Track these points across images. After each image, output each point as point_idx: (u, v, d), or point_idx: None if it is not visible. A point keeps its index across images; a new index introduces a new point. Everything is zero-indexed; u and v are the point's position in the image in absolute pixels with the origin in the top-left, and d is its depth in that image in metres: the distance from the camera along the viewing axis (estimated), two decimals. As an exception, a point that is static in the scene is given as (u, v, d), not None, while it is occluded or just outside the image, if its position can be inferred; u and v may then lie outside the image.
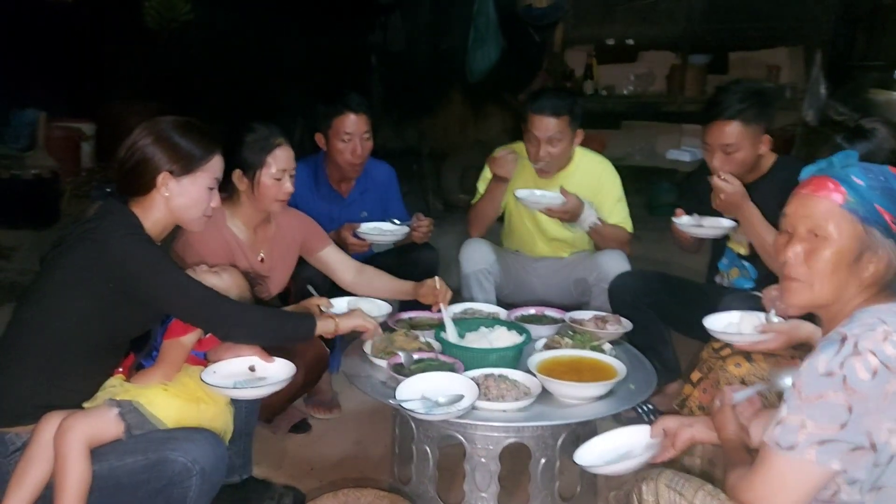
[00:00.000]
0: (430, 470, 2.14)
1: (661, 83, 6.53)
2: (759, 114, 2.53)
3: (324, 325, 2.09)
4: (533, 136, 2.92)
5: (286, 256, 2.60)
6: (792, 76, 6.09)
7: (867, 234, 1.32)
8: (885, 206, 1.32)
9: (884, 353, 1.22)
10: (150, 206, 1.90)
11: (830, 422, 1.22)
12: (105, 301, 1.79)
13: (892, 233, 1.33)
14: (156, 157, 1.87)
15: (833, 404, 1.21)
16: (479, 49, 5.93)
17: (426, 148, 6.45)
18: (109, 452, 1.73)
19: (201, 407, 1.86)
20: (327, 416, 2.91)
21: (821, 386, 1.23)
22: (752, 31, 6.11)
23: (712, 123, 2.55)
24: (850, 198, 1.33)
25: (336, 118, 2.91)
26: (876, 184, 1.34)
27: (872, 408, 1.21)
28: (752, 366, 2.05)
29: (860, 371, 1.21)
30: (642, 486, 1.53)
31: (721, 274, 2.80)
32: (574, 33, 6.43)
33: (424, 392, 1.98)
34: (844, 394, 1.21)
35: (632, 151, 6.45)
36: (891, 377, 1.21)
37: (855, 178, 1.34)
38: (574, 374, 2.09)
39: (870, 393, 1.20)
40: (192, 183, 1.92)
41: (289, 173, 2.40)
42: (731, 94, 2.54)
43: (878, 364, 1.21)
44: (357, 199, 3.10)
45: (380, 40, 6.51)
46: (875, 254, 1.33)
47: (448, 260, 3.55)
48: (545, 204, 2.88)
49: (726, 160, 2.55)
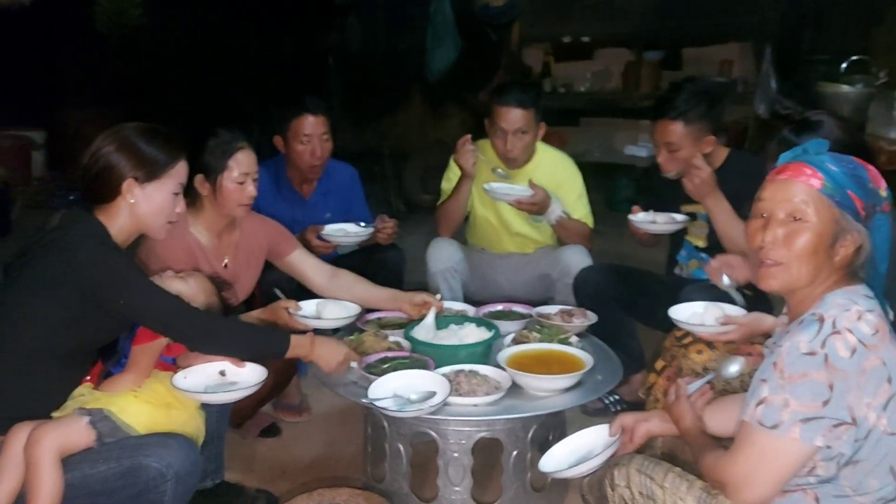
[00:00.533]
0: (404, 467, 2.16)
1: (617, 80, 6.63)
2: (704, 115, 2.60)
3: (297, 349, 2.05)
4: (500, 129, 2.96)
5: (251, 262, 2.58)
6: (743, 70, 6.24)
7: (842, 218, 1.37)
8: (856, 193, 1.38)
9: (860, 331, 1.28)
10: (116, 213, 1.89)
11: (813, 399, 1.26)
12: (72, 310, 1.78)
13: (861, 218, 1.38)
14: (120, 163, 1.87)
15: (815, 382, 1.26)
16: (437, 49, 5.95)
17: (387, 149, 6.44)
18: (81, 461, 1.71)
19: (172, 412, 1.85)
20: (297, 420, 2.91)
21: (803, 365, 1.27)
22: (705, 28, 6.26)
23: (658, 122, 2.64)
24: (827, 183, 1.37)
25: (294, 120, 2.90)
26: (848, 171, 1.39)
27: (853, 384, 1.26)
28: (714, 353, 2.12)
29: (840, 349, 1.26)
30: (614, 471, 1.58)
31: (680, 266, 2.88)
32: (531, 31, 6.51)
33: (396, 390, 2.00)
34: (826, 371, 1.26)
35: (591, 148, 6.53)
36: (868, 354, 1.27)
37: (830, 165, 1.39)
38: (543, 366, 2.13)
39: (850, 370, 1.26)
40: (157, 189, 1.91)
41: (251, 177, 2.39)
42: (679, 94, 2.62)
43: (856, 342, 1.27)
44: (319, 200, 3.10)
45: (337, 41, 6.48)
46: (846, 238, 1.38)
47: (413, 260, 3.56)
48: (514, 196, 2.91)
49: (669, 158, 2.64)
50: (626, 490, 1.55)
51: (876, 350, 1.28)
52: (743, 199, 2.63)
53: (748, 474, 1.32)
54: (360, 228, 2.94)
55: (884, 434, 1.30)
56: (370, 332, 2.39)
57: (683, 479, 1.50)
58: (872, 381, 1.28)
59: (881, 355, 1.28)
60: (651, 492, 1.51)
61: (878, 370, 1.28)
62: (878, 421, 1.29)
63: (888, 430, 1.30)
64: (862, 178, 1.39)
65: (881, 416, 1.29)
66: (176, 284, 2.01)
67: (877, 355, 1.28)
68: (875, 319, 1.31)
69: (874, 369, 1.28)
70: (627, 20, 6.40)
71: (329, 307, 2.41)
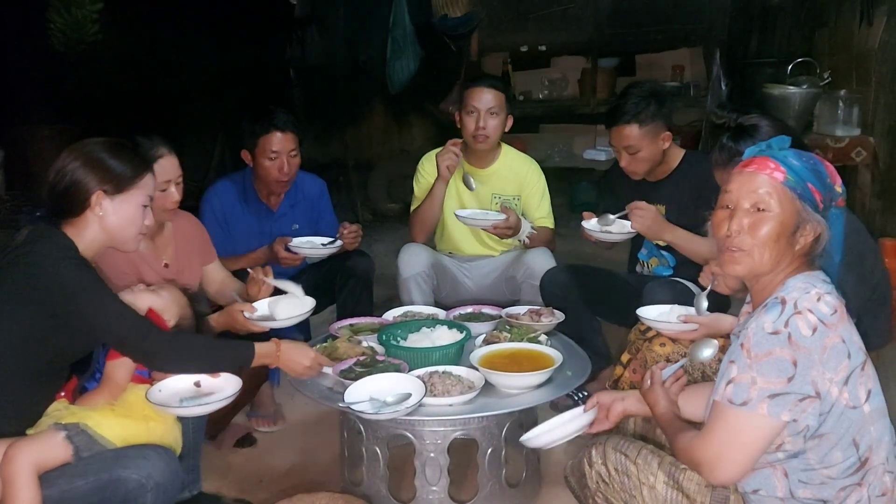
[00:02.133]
0: (381, 470, 2.20)
1: (574, 87, 6.76)
2: (656, 113, 2.70)
3: (263, 357, 2.06)
4: (473, 108, 3.06)
5: (191, 257, 2.62)
6: (695, 75, 6.43)
7: (803, 209, 1.46)
8: (815, 186, 1.47)
9: (820, 311, 1.37)
10: (84, 226, 1.89)
11: (778, 376, 1.34)
12: (41, 326, 1.77)
13: (820, 210, 1.47)
14: (87, 178, 1.87)
15: (780, 359, 1.34)
16: (397, 60, 5.99)
17: (351, 159, 6.48)
18: (59, 477, 1.71)
19: (150, 425, 1.86)
20: (272, 429, 2.92)
21: (768, 343, 1.35)
22: (656, 34, 6.45)
23: (613, 128, 2.74)
24: (790, 176, 1.46)
25: (262, 137, 2.90)
26: (808, 165, 1.48)
27: (815, 360, 1.34)
28: (676, 345, 2.21)
29: (803, 328, 1.35)
30: (592, 450, 1.68)
31: (641, 263, 2.97)
32: (489, 41, 6.61)
33: (372, 393, 2.04)
34: (790, 349, 1.34)
35: (551, 153, 6.66)
36: (828, 332, 1.36)
37: (792, 160, 1.48)
38: (514, 365, 2.19)
39: (812, 347, 1.34)
40: (125, 201, 1.91)
41: (174, 182, 2.41)
42: (627, 100, 2.72)
43: (816, 321, 1.35)
44: (287, 211, 3.12)
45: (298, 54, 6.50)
46: (806, 227, 1.46)
47: (381, 267, 3.61)
48: (491, 221, 2.99)
49: (632, 160, 2.74)
50: (602, 467, 1.64)
51: (835, 328, 1.36)
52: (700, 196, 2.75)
53: (721, 452, 1.39)
54: (328, 243, 2.94)
55: (846, 408, 1.38)
56: (343, 337, 2.43)
57: (655, 454, 1.61)
58: (833, 358, 1.36)
59: (840, 333, 1.37)
60: (626, 468, 1.60)
61: (837, 347, 1.36)
62: (839, 395, 1.37)
63: (849, 404, 1.38)
64: (821, 173, 1.49)
65: (842, 390, 1.37)
66: (148, 297, 2.02)
67: (836, 333, 1.36)
68: (833, 300, 1.40)
69: (834, 346, 1.36)
70: (582, 29, 6.55)
71: (281, 305, 2.39)
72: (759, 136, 2.02)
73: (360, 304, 2.95)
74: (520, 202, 3.23)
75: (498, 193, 3.21)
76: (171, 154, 2.41)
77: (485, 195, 3.21)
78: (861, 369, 1.40)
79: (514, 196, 3.22)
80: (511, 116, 3.14)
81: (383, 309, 2.82)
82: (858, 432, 1.40)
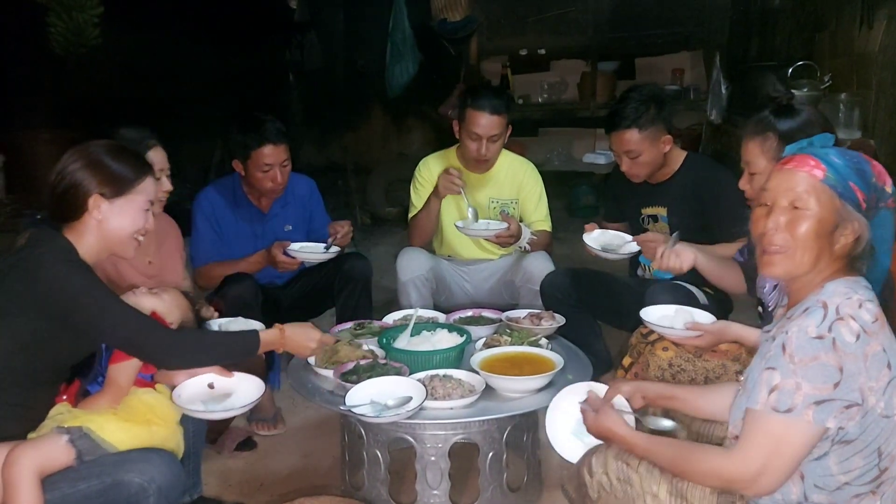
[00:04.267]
0: (382, 473, 2.19)
1: (573, 90, 6.77)
2: (655, 117, 2.70)
3: (268, 344, 2.04)
4: (474, 134, 3.02)
5: (172, 253, 2.64)
6: (695, 78, 6.44)
7: (843, 208, 1.43)
8: (858, 185, 1.44)
9: (862, 318, 1.34)
10: (84, 230, 1.88)
11: (825, 382, 1.30)
12: (41, 330, 1.76)
13: (862, 210, 1.44)
14: (86, 180, 1.86)
15: (826, 365, 1.31)
16: (396, 64, 6.01)
17: (350, 163, 6.49)
18: (61, 480, 1.70)
19: (153, 429, 1.85)
20: (272, 433, 2.91)
21: (813, 349, 1.31)
22: (656, 38, 6.45)
23: (613, 133, 2.73)
24: (829, 174, 1.43)
25: (255, 150, 2.86)
26: (851, 164, 1.45)
27: (861, 367, 1.31)
28: (679, 349, 2.20)
29: (846, 334, 1.32)
30: (592, 459, 1.64)
31: (642, 267, 2.97)
32: (488, 45, 6.62)
33: (373, 397, 2.03)
34: (835, 355, 1.31)
35: (550, 157, 6.67)
36: (870, 340, 1.33)
37: (833, 158, 1.45)
38: (515, 368, 2.18)
39: (857, 353, 1.31)
40: (125, 205, 1.90)
41: (165, 172, 2.43)
42: (627, 104, 2.71)
43: (859, 328, 1.33)
44: (278, 213, 3.10)
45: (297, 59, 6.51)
46: (847, 227, 1.43)
47: (379, 270, 3.61)
48: (493, 231, 2.97)
49: (633, 164, 2.74)
50: (603, 476, 1.60)
51: (876, 337, 1.34)
52: (701, 197, 2.75)
53: (764, 464, 1.34)
54: (325, 249, 2.93)
55: (879, 416, 1.35)
56: (344, 341, 2.42)
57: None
58: (874, 366, 1.33)
59: (881, 342, 1.34)
60: (627, 476, 1.55)
61: (878, 356, 1.33)
62: (876, 404, 1.34)
63: (883, 413, 1.35)
64: (865, 172, 1.45)
65: (880, 399, 1.34)
66: (150, 300, 2.01)
67: (877, 342, 1.34)
68: (874, 308, 1.37)
69: (875, 355, 1.33)
70: (581, 32, 6.56)
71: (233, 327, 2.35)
72: (798, 119, 2.00)
73: (359, 308, 2.95)
74: (517, 206, 3.23)
75: (496, 197, 3.21)
76: (158, 145, 2.43)
77: (483, 200, 3.20)
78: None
79: (512, 200, 3.22)
80: (510, 126, 3.12)
81: (382, 312, 2.81)
82: (886, 441, 1.37)
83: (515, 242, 3.04)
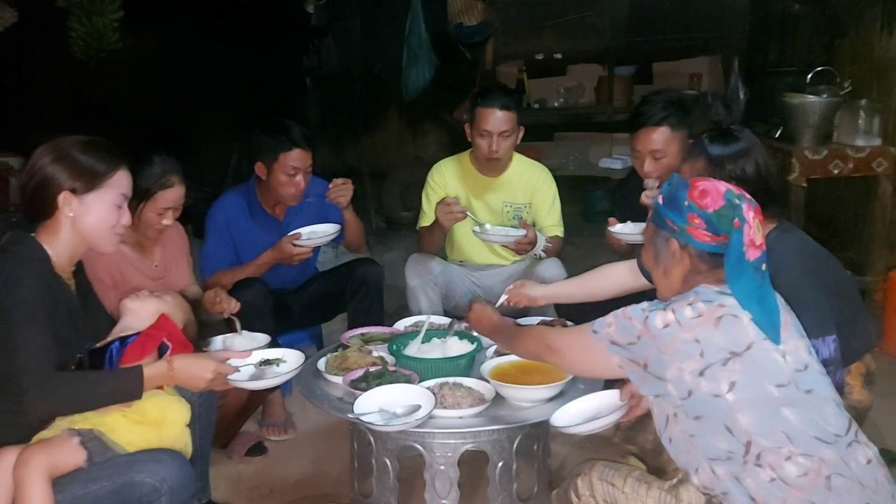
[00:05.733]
0: (391, 482, 2.18)
1: (590, 95, 6.72)
2: (682, 120, 2.68)
3: (155, 378, 1.83)
4: (484, 131, 3.01)
5: (178, 257, 2.65)
6: (712, 83, 6.37)
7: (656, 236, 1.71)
8: (668, 215, 1.66)
9: (682, 313, 1.52)
10: (57, 229, 1.84)
11: (623, 337, 1.59)
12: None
13: (675, 232, 1.66)
14: (55, 175, 1.80)
15: (630, 328, 1.58)
16: (412, 68, 6.00)
17: (366, 167, 6.49)
18: (72, 482, 1.71)
19: (163, 431, 1.85)
20: (283, 438, 2.92)
21: (634, 315, 1.58)
22: (674, 42, 6.39)
23: (640, 131, 2.69)
24: (654, 211, 1.73)
25: (283, 153, 2.85)
26: (667, 196, 1.66)
27: (655, 345, 1.53)
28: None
29: (658, 321, 1.54)
30: (577, 481, 1.69)
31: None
32: (504, 49, 6.58)
33: (382, 404, 2.03)
34: (641, 328, 1.56)
35: (566, 162, 6.63)
36: (681, 330, 1.51)
37: (658, 197, 1.70)
38: (525, 377, 2.16)
39: (660, 336, 1.53)
40: (96, 200, 1.85)
41: (174, 209, 2.46)
42: (654, 104, 2.69)
43: (672, 320, 1.53)
44: (293, 219, 3.07)
45: (314, 63, 6.53)
46: (665, 255, 1.69)
47: (393, 275, 3.60)
48: (513, 237, 2.94)
49: (655, 165, 2.69)
50: (590, 499, 1.65)
51: (691, 329, 1.51)
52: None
53: (569, 348, 1.75)
54: (330, 226, 2.94)
55: (708, 395, 1.49)
56: (354, 347, 2.42)
57: (642, 482, 1.62)
58: (683, 351, 1.50)
59: (695, 334, 1.50)
60: (614, 498, 1.62)
61: (689, 344, 1.50)
62: (696, 384, 1.50)
63: (711, 393, 1.49)
64: (676, 199, 1.62)
65: (698, 380, 1.49)
66: (155, 303, 2.03)
67: (691, 333, 1.51)
68: (704, 307, 1.52)
69: (685, 342, 1.51)
70: (599, 37, 6.50)
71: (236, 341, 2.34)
72: (735, 146, 1.99)
73: (370, 313, 2.95)
74: (531, 210, 3.21)
75: (509, 202, 3.19)
76: (180, 184, 2.44)
77: (496, 204, 3.19)
78: (722, 365, 1.48)
79: (526, 204, 3.20)
80: (522, 128, 3.10)
81: (395, 318, 2.80)
82: (729, 419, 1.48)
83: (532, 249, 3.02)
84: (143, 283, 2.37)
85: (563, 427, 1.90)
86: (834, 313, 1.88)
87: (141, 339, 1.92)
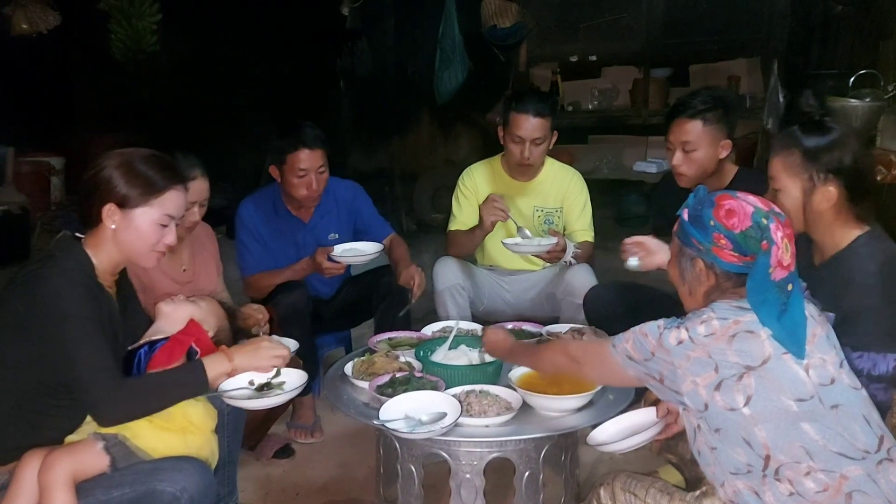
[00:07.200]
0: (416, 488, 2.16)
1: (624, 97, 6.65)
2: (721, 117, 2.61)
3: (215, 368, 1.86)
4: (517, 137, 2.99)
5: (207, 261, 2.64)
6: (751, 86, 6.25)
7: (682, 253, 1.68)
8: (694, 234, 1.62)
9: (695, 331, 1.51)
10: (101, 240, 1.84)
11: (638, 353, 1.60)
12: (42, 347, 1.71)
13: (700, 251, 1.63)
14: (112, 180, 1.80)
15: (645, 345, 1.58)
16: (445, 71, 6.00)
17: (398, 169, 6.51)
18: (95, 487, 1.72)
19: (188, 437, 1.85)
20: (310, 441, 2.92)
21: (650, 332, 1.58)
22: (711, 44, 6.27)
23: (674, 121, 2.64)
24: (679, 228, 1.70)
25: (290, 154, 2.82)
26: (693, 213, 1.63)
27: (669, 361, 1.53)
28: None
29: (672, 338, 1.53)
30: (600, 490, 1.69)
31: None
32: (538, 52, 6.54)
33: (407, 411, 2.01)
34: (655, 344, 1.56)
35: (600, 165, 6.57)
36: (694, 347, 1.50)
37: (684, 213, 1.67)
38: (554, 386, 2.12)
39: (674, 352, 1.52)
40: (141, 216, 1.83)
41: (199, 203, 2.45)
42: (696, 96, 2.64)
43: (686, 337, 1.52)
44: (319, 222, 3.07)
45: (348, 65, 6.57)
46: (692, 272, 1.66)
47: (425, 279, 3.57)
48: (546, 247, 2.91)
49: (685, 159, 2.63)
50: None
51: (704, 346, 1.49)
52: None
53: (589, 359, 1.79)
54: (370, 246, 2.93)
55: (724, 409, 1.48)
56: (381, 352, 2.41)
57: (665, 493, 1.60)
58: (696, 366, 1.50)
59: (709, 350, 1.49)
60: None
61: (702, 360, 1.49)
62: (711, 398, 1.49)
63: (727, 407, 1.48)
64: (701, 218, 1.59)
65: (714, 394, 1.48)
66: (188, 308, 2.03)
67: (704, 350, 1.49)
68: (718, 325, 1.50)
69: (698, 358, 1.50)
70: (634, 38, 6.42)
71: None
72: (829, 136, 1.90)
73: (397, 320, 2.93)
74: (562, 214, 3.17)
75: (540, 206, 3.16)
76: (203, 177, 2.44)
77: (527, 208, 3.16)
78: (737, 380, 1.47)
79: (556, 208, 3.17)
80: (556, 132, 3.07)
81: (423, 323, 2.78)
82: (747, 432, 1.47)
83: (563, 257, 2.99)
84: (172, 288, 2.38)
85: (601, 444, 1.88)
86: None
87: (169, 345, 1.92)
